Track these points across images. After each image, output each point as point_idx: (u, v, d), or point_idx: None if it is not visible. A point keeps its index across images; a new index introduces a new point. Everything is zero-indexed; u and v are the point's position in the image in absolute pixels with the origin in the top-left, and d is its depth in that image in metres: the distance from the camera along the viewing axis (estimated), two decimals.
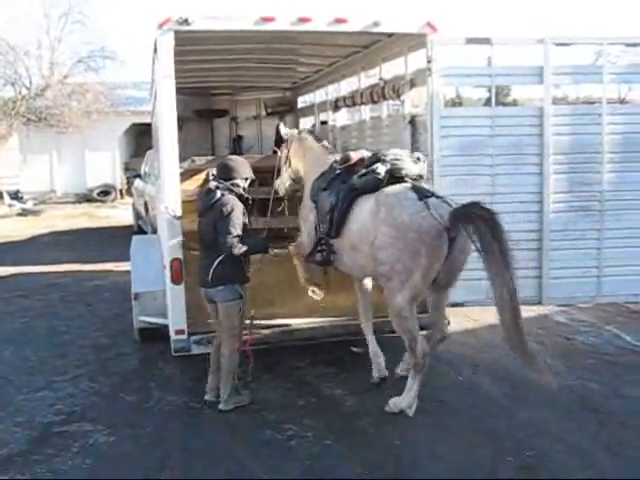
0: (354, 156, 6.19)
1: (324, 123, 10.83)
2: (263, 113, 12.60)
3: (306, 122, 11.97)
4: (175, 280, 6.12)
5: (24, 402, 6.19)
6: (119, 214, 21.03)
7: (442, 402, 6.03)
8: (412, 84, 7.17)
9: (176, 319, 6.18)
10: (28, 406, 6.10)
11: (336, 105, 9.70)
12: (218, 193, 5.65)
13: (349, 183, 5.88)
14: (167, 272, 6.19)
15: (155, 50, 6.11)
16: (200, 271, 5.74)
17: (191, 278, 6.08)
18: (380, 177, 5.63)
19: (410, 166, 5.72)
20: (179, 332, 6.18)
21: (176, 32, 5.89)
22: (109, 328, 8.49)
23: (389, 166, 5.66)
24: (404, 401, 5.66)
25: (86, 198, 25.50)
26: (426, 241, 5.21)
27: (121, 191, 25.71)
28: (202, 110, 12.59)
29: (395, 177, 5.64)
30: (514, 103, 29.14)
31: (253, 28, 6.14)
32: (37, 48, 22.44)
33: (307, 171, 6.74)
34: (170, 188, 6.13)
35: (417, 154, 5.99)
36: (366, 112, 8.98)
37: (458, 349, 7.34)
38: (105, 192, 25.74)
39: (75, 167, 25.49)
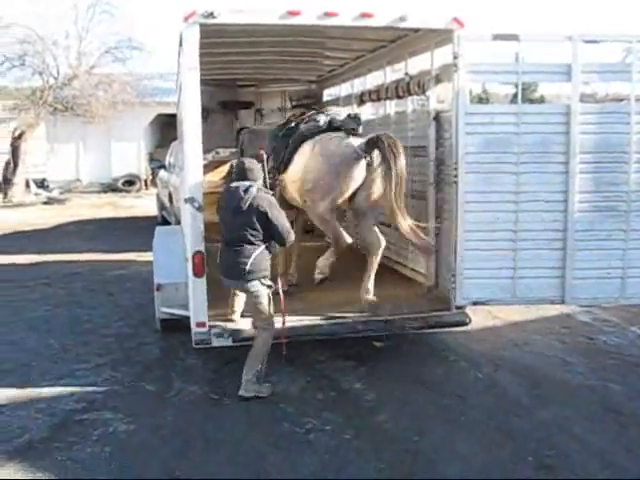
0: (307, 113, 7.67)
1: None
2: (288, 105, 12.57)
3: None
4: (197, 273, 6.14)
5: (46, 389, 6.27)
6: (144, 204, 21.21)
7: (462, 399, 6.02)
8: (438, 80, 7.12)
9: (197, 312, 6.21)
10: (50, 393, 6.18)
11: (361, 99, 9.66)
12: (254, 190, 5.80)
13: (298, 131, 7.20)
14: (189, 265, 6.23)
15: (180, 43, 6.13)
16: (229, 264, 5.89)
17: (213, 270, 6.15)
18: (319, 124, 7.03)
19: (346, 120, 7.02)
20: (200, 325, 6.21)
21: (201, 25, 5.90)
22: (131, 318, 8.57)
23: (328, 117, 7.10)
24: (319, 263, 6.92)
25: (111, 188, 25.74)
26: (347, 162, 6.57)
27: (146, 181, 25.87)
28: (227, 102, 12.60)
29: (333, 127, 6.98)
30: (541, 99, 28.87)
31: (279, 22, 6.13)
32: (65, 38, 22.53)
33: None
34: (193, 180, 6.15)
35: (355, 112, 7.64)
36: (391, 107, 8.93)
37: (479, 346, 7.35)
38: (130, 182, 25.95)
39: (101, 157, 25.74)
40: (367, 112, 9.89)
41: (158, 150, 23.85)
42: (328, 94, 12.22)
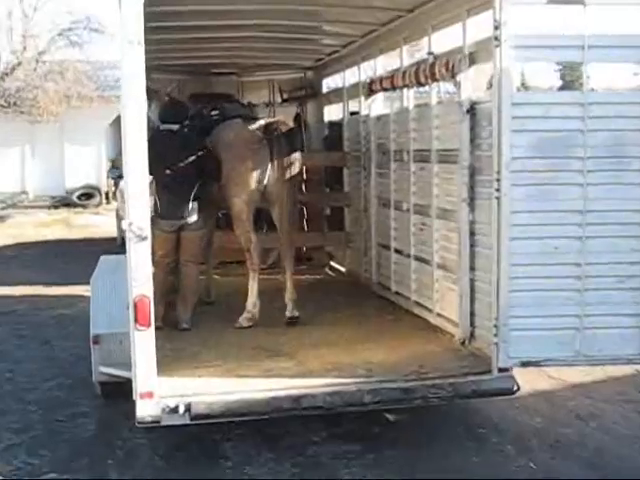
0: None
1: (354, 114, 10.33)
2: (278, 99, 12.08)
3: (331, 111, 11.56)
4: (141, 323, 5.40)
5: None
6: (102, 222, 21.49)
7: None
8: (472, 60, 6.61)
9: (142, 378, 5.45)
10: None
11: (370, 89, 9.16)
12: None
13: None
14: (130, 311, 5.47)
15: (119, 7, 5.41)
16: (172, 205, 7.46)
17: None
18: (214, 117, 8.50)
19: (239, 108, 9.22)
20: (146, 395, 5.45)
21: None
22: (67, 376, 8.14)
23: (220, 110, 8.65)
24: (249, 302, 7.74)
25: (64, 202, 26.03)
26: (250, 147, 7.73)
27: (107, 194, 26.36)
28: (199, 94, 12.13)
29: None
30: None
31: None
32: (7, 17, 22.58)
33: None
34: (137, 198, 5.45)
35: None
36: (409, 98, 8.41)
37: (529, 421, 6.77)
38: (88, 195, 26.34)
39: (52, 164, 25.98)
40: (378, 106, 9.32)
41: (121, 157, 23.72)
42: (328, 84, 11.92)
